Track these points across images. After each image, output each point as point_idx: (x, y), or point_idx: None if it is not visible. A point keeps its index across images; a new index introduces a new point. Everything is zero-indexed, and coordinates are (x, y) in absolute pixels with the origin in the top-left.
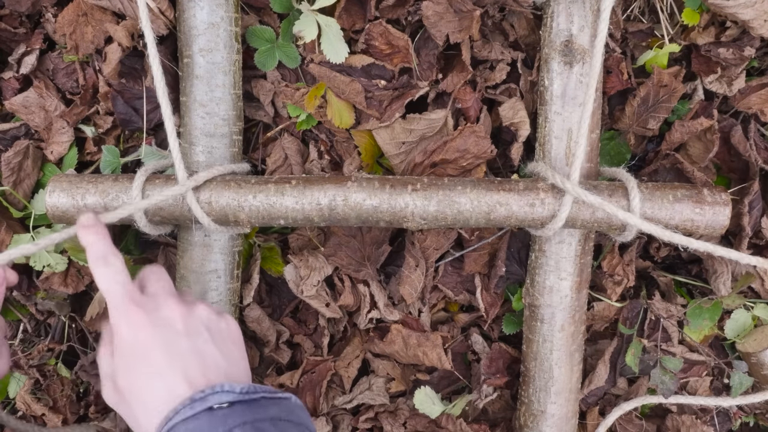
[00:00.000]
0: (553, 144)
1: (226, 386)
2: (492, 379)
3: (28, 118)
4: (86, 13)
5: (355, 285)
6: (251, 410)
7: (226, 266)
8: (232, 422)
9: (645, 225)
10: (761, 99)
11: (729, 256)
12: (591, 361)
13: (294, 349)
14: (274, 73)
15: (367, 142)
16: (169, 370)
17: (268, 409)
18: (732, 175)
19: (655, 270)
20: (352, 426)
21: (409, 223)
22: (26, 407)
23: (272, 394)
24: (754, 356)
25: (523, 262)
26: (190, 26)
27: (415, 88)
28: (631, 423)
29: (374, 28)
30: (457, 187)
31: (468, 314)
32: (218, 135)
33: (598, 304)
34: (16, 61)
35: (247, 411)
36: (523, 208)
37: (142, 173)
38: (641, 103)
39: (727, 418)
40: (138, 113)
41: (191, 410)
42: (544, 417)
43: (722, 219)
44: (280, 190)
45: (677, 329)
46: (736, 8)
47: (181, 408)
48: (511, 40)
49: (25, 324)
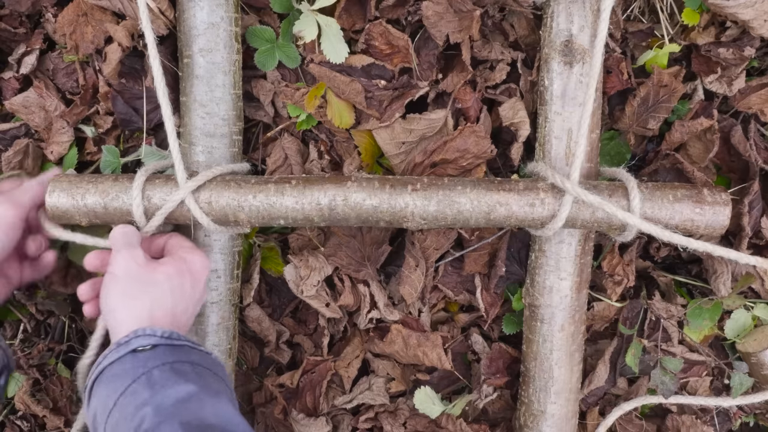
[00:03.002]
0: (553, 144)
1: (148, 330)
2: (492, 379)
3: (28, 118)
4: (86, 13)
5: (355, 285)
6: (172, 353)
7: (226, 266)
8: (152, 363)
9: (645, 225)
10: (761, 99)
11: (728, 256)
12: (591, 361)
13: (294, 349)
14: (274, 73)
15: (367, 142)
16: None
17: (189, 355)
18: (732, 175)
19: (655, 270)
20: (352, 426)
21: (409, 223)
22: (26, 408)
23: (195, 345)
24: (754, 356)
25: (523, 262)
26: (190, 26)
27: (415, 88)
28: (631, 423)
29: (374, 28)
30: (457, 187)
31: (468, 314)
32: (218, 135)
33: (598, 304)
34: (16, 61)
35: (168, 353)
36: (523, 208)
37: (142, 173)
38: (641, 103)
39: (727, 418)
40: (138, 113)
41: (116, 354)
42: (544, 417)
43: (722, 219)
44: (280, 190)
45: (677, 329)
46: (736, 8)
47: (109, 352)
48: (511, 40)
49: (25, 324)
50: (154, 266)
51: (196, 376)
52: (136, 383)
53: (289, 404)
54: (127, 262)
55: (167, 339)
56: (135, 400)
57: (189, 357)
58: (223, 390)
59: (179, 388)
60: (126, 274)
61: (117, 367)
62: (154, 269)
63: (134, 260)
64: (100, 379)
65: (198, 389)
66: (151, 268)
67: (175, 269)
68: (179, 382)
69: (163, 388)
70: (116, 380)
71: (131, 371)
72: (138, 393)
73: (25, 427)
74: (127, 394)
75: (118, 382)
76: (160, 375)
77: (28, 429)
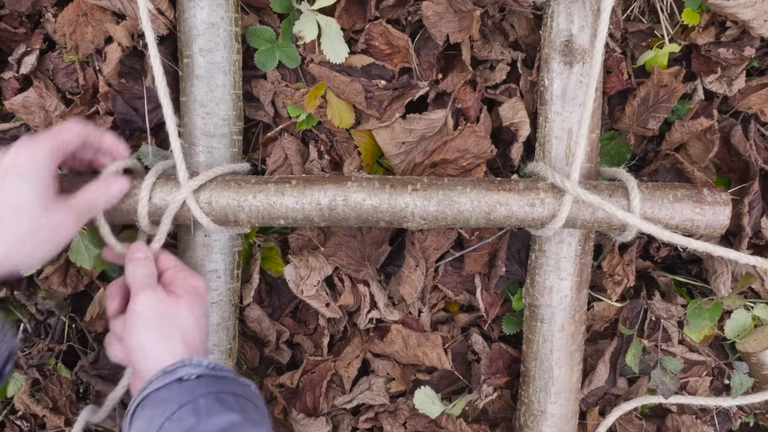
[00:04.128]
0: (553, 144)
1: (195, 360)
2: (492, 379)
3: (28, 118)
4: (86, 13)
5: (355, 285)
6: (216, 383)
7: (226, 266)
8: (198, 392)
9: (645, 225)
10: (761, 99)
11: (728, 256)
12: (591, 361)
13: (294, 349)
14: (274, 73)
15: (367, 142)
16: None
17: (232, 386)
18: (732, 175)
19: (655, 270)
20: (352, 426)
21: (409, 223)
22: (25, 408)
23: (236, 376)
24: (754, 356)
25: (523, 262)
26: (190, 26)
27: (415, 88)
28: (631, 423)
29: (374, 28)
30: (457, 187)
31: (468, 314)
32: (218, 135)
33: (598, 304)
34: (16, 61)
35: (213, 384)
36: (523, 207)
37: (152, 175)
38: (641, 103)
39: (727, 418)
40: (138, 113)
41: (162, 381)
42: (544, 417)
43: (722, 219)
44: (280, 190)
45: (677, 329)
46: (736, 8)
47: (154, 378)
48: (511, 40)
49: (25, 324)
50: (174, 300)
51: (238, 407)
52: (182, 410)
53: (289, 404)
54: (152, 300)
55: (212, 370)
56: (180, 426)
57: (232, 388)
58: (262, 421)
59: (223, 418)
60: (154, 313)
61: (163, 393)
62: (176, 303)
63: (157, 298)
64: (144, 403)
65: (240, 419)
66: (172, 302)
67: (193, 299)
68: (223, 412)
69: (208, 417)
70: (162, 405)
71: (177, 398)
72: (184, 419)
73: (24, 427)
74: (173, 420)
75: (165, 407)
76: (206, 404)
77: (28, 429)
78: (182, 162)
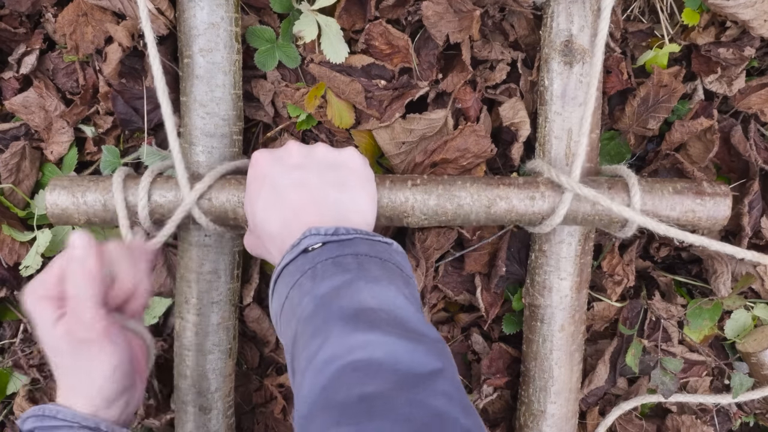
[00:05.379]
0: (553, 144)
1: (313, 230)
2: (492, 379)
3: (28, 118)
4: (86, 13)
5: None
6: (338, 248)
7: (226, 266)
8: (318, 259)
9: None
10: (761, 99)
11: (724, 250)
12: (591, 361)
13: None
14: (274, 73)
15: (367, 142)
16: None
17: (357, 246)
18: (732, 175)
19: (655, 270)
20: None
21: (409, 219)
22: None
23: (369, 236)
24: (754, 356)
25: (523, 262)
26: (190, 26)
27: (415, 88)
28: (631, 423)
29: (374, 28)
30: (457, 182)
31: (468, 314)
32: (218, 135)
33: (598, 304)
34: (16, 61)
35: (335, 248)
36: (523, 201)
37: (148, 175)
38: (641, 103)
39: (727, 418)
40: (138, 113)
41: (291, 255)
42: (544, 417)
43: (723, 209)
44: None
45: (677, 329)
46: (736, 8)
47: (286, 253)
48: (511, 40)
49: (25, 324)
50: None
51: (356, 266)
52: (303, 277)
53: (289, 404)
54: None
55: (332, 236)
56: (300, 292)
57: (356, 249)
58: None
59: (336, 278)
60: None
61: (291, 266)
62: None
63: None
64: (278, 279)
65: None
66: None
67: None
68: (337, 273)
69: (322, 280)
70: (289, 276)
71: (301, 267)
72: (303, 285)
73: None
74: (296, 287)
75: (290, 278)
76: (323, 268)
77: None
78: (181, 162)
